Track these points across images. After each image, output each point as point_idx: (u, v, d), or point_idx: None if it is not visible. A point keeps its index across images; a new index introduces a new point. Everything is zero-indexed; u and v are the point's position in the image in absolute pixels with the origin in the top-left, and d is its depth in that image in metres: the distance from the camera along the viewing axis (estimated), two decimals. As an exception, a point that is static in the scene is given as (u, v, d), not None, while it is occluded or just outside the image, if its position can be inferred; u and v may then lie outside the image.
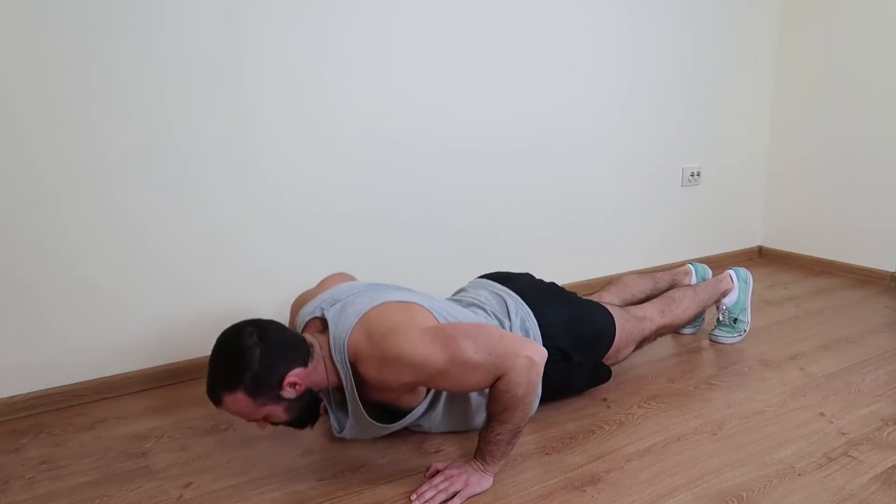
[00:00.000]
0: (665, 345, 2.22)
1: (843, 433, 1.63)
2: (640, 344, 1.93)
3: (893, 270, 2.86)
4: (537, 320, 1.69)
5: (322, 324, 1.50)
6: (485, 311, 1.68)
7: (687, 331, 2.31)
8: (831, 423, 1.68)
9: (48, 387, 1.82)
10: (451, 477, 1.40)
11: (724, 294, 2.21)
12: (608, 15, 2.61)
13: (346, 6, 2.05)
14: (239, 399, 1.32)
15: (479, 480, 1.40)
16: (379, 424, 1.50)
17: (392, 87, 2.19)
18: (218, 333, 2.11)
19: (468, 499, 1.38)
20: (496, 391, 1.35)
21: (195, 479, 1.48)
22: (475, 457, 1.43)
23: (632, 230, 2.90)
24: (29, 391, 1.80)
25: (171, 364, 1.97)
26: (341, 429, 1.55)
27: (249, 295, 2.06)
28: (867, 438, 1.60)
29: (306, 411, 1.43)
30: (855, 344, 2.20)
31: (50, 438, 1.67)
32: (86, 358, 1.86)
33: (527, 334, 1.67)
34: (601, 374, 1.84)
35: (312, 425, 1.47)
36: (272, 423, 1.41)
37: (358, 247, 2.22)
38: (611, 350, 1.81)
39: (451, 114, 2.32)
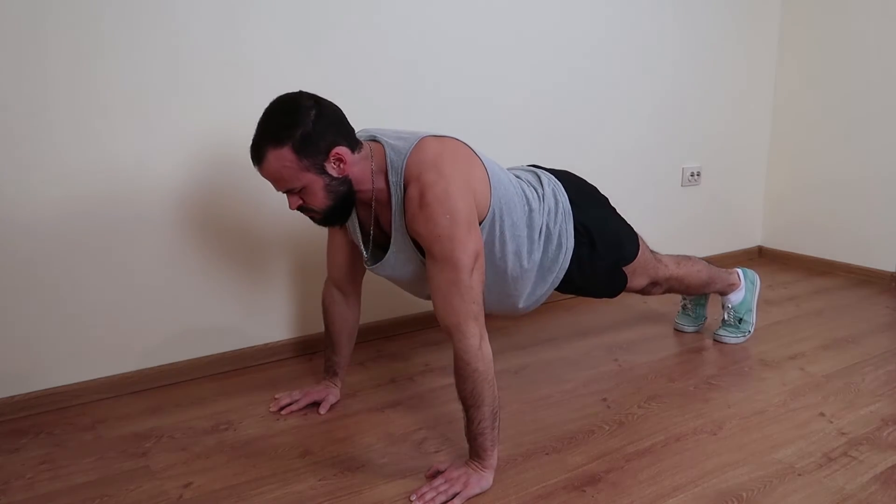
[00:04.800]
0: (665, 345, 2.22)
1: (843, 433, 1.63)
2: (649, 288, 1.95)
3: (893, 270, 2.86)
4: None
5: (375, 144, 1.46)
6: (519, 178, 1.67)
7: (689, 329, 2.31)
8: (831, 423, 1.69)
9: (48, 387, 1.82)
10: (452, 478, 1.40)
11: (731, 287, 2.21)
12: (607, 16, 2.61)
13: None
14: (284, 156, 1.30)
15: (479, 480, 1.40)
16: (419, 256, 1.46)
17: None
18: (219, 334, 2.09)
19: (468, 499, 1.38)
20: (457, 362, 1.36)
21: (195, 479, 1.48)
22: (470, 458, 1.43)
23: (632, 230, 2.90)
24: (29, 391, 1.80)
25: (171, 364, 1.97)
26: (375, 262, 1.53)
27: (252, 294, 2.06)
28: (867, 438, 1.61)
29: (340, 204, 1.41)
30: (855, 344, 2.20)
31: (50, 438, 1.67)
32: (86, 358, 1.86)
33: (556, 202, 1.68)
34: (618, 280, 1.84)
35: (341, 225, 1.48)
36: (303, 210, 1.39)
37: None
38: (630, 265, 1.83)
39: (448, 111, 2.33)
